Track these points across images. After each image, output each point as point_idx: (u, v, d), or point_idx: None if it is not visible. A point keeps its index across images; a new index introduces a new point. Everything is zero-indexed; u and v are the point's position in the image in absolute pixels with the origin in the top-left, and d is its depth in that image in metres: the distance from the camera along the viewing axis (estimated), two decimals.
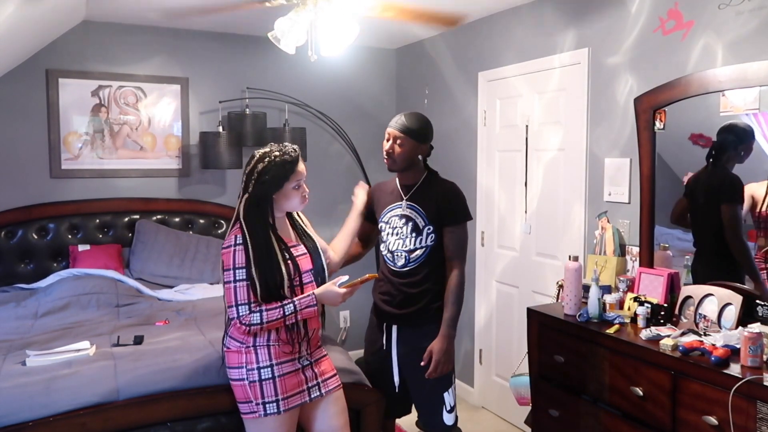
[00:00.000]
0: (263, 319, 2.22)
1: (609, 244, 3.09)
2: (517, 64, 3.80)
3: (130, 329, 3.10)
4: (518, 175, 3.85)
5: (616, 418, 2.50)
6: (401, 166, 2.69)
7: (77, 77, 4.17)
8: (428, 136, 2.72)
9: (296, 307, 2.26)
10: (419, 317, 2.65)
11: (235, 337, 2.33)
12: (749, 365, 2.09)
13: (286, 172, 2.30)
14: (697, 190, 2.76)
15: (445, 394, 2.70)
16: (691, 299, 2.56)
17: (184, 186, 4.52)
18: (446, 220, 2.63)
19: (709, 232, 2.74)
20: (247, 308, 2.21)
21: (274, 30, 2.93)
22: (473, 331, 4.29)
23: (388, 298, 2.72)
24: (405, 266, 2.66)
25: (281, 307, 2.24)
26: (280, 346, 2.30)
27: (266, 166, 2.28)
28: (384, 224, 2.74)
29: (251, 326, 2.22)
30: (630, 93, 3.05)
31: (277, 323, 2.25)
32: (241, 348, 2.30)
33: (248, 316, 2.21)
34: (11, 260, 3.99)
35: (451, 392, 2.73)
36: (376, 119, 5.09)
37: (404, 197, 2.71)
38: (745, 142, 2.53)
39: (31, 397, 2.29)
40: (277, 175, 2.28)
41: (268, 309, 2.23)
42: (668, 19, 2.86)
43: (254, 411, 2.28)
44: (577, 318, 2.72)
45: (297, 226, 2.50)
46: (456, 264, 2.63)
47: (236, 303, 2.22)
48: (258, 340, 2.29)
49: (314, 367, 2.41)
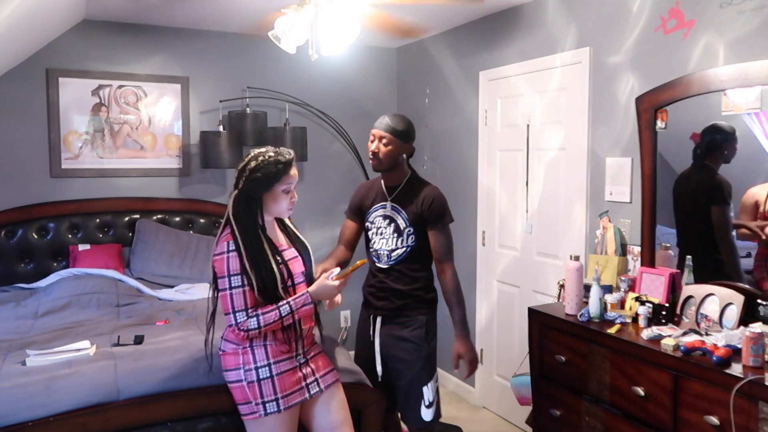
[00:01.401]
0: (260, 323, 2.21)
1: (610, 243, 3.08)
2: (518, 63, 3.79)
3: (130, 329, 3.09)
4: (519, 174, 3.84)
5: (617, 418, 2.50)
6: (387, 166, 2.76)
7: (77, 76, 4.17)
8: (412, 136, 2.81)
9: (292, 308, 2.25)
10: (400, 309, 2.76)
11: (231, 340, 2.32)
12: (751, 365, 2.08)
13: (278, 172, 2.28)
14: (683, 189, 2.83)
15: (425, 388, 2.74)
16: (693, 299, 2.55)
17: (185, 185, 4.52)
18: (430, 223, 2.74)
19: (694, 230, 2.81)
20: (245, 314, 2.20)
21: (275, 29, 2.93)
22: (474, 331, 4.28)
23: (373, 290, 2.84)
24: (387, 264, 2.78)
25: (277, 309, 2.23)
26: (277, 345, 2.29)
27: (259, 164, 2.27)
28: (370, 224, 2.84)
29: (249, 331, 2.21)
30: (631, 92, 3.04)
31: (274, 326, 2.24)
32: (238, 349, 2.29)
33: (246, 322, 2.20)
34: (11, 260, 3.98)
35: (431, 387, 2.75)
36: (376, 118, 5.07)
37: (388, 198, 2.79)
38: (729, 142, 2.61)
39: (31, 397, 2.28)
40: (268, 174, 2.26)
41: (265, 313, 2.22)
42: (670, 18, 2.86)
43: (254, 411, 2.27)
44: (579, 318, 2.72)
45: (287, 230, 2.49)
46: (447, 266, 2.75)
47: (233, 310, 2.21)
48: (254, 340, 2.28)
49: (311, 364, 2.41)
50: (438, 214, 2.73)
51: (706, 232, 2.76)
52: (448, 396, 4.49)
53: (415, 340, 2.74)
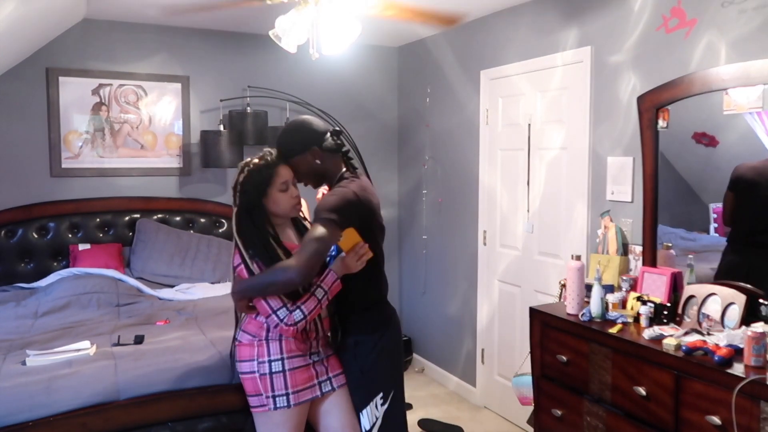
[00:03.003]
0: (305, 313, 2.22)
1: (612, 243, 3.08)
2: (519, 63, 3.78)
3: (130, 329, 3.09)
4: (521, 173, 3.83)
5: (618, 417, 2.49)
6: (317, 182, 2.47)
7: (78, 75, 4.16)
8: (299, 143, 2.37)
9: (325, 289, 2.26)
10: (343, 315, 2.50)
11: (248, 331, 2.33)
12: (753, 365, 2.07)
13: (266, 177, 2.28)
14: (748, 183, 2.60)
15: (361, 414, 2.43)
16: (695, 298, 2.55)
17: (185, 185, 4.51)
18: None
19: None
20: (286, 310, 2.21)
21: (275, 28, 2.92)
22: (475, 331, 4.28)
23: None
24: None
25: (313, 295, 2.24)
26: (294, 341, 2.30)
27: (246, 176, 2.28)
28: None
29: (297, 323, 2.22)
30: (633, 91, 3.04)
31: (316, 311, 2.25)
32: (253, 341, 2.31)
33: (290, 316, 2.21)
34: (11, 259, 3.98)
35: (367, 414, 2.41)
36: (377, 118, 5.09)
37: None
38: None
39: (31, 397, 2.28)
40: (258, 182, 2.27)
41: (305, 302, 2.23)
42: (671, 17, 2.85)
43: (264, 404, 2.28)
44: (580, 317, 2.71)
45: (300, 229, 2.49)
46: (294, 257, 2.20)
47: (273, 311, 2.22)
48: (270, 333, 2.29)
49: (324, 363, 2.41)
50: (318, 209, 2.26)
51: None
52: (448, 396, 4.49)
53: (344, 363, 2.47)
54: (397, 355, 2.54)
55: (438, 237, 4.70)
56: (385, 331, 2.45)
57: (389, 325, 2.47)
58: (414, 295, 5.09)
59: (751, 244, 2.64)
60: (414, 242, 5.03)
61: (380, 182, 5.03)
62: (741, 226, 2.66)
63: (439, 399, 4.43)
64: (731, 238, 2.68)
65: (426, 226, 4.83)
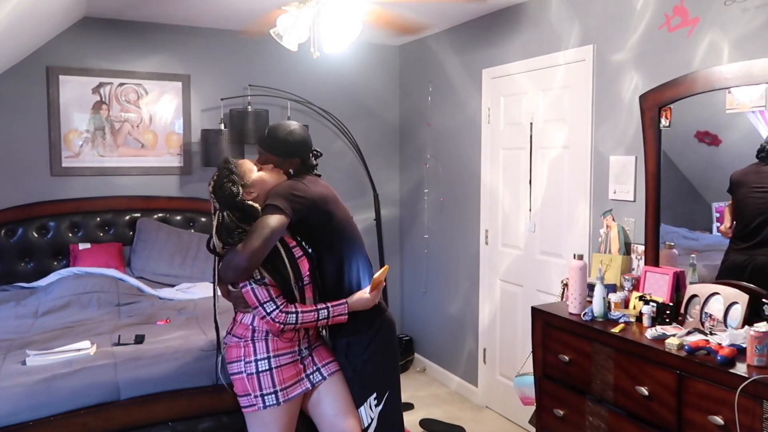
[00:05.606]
0: (299, 320, 2.28)
1: (614, 242, 3.07)
2: (521, 61, 3.77)
3: (131, 328, 3.09)
4: (522, 172, 3.82)
5: (621, 417, 2.48)
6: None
7: (78, 74, 4.16)
8: (288, 150, 2.48)
9: (329, 314, 2.32)
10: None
11: (236, 334, 2.37)
12: (755, 365, 2.07)
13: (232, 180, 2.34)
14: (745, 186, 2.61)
15: (361, 408, 2.48)
16: (697, 298, 2.54)
17: (186, 184, 4.51)
18: None
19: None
20: (273, 304, 2.25)
21: (277, 27, 2.92)
22: (477, 330, 4.28)
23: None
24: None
25: (316, 311, 2.31)
26: (279, 340, 2.33)
27: (216, 184, 2.33)
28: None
29: (286, 325, 2.26)
30: (635, 90, 3.03)
31: (309, 325, 2.32)
32: (240, 342, 2.34)
33: (284, 315, 2.25)
34: (11, 259, 3.97)
35: (365, 411, 2.46)
36: (379, 116, 5.08)
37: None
38: None
39: (32, 397, 2.28)
40: (230, 180, 2.32)
41: (304, 312, 2.29)
42: (674, 15, 2.84)
43: (253, 404, 2.30)
44: (582, 317, 2.70)
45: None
46: (244, 242, 2.23)
47: (260, 302, 2.26)
48: (256, 334, 2.32)
49: (312, 354, 2.44)
50: (272, 194, 2.36)
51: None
52: (450, 396, 4.48)
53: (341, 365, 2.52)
54: (391, 356, 2.55)
55: (439, 236, 4.69)
56: (378, 331, 2.47)
57: (381, 326, 2.50)
58: (415, 294, 5.08)
59: (754, 244, 2.63)
60: (415, 241, 5.03)
61: (381, 181, 5.03)
62: (743, 226, 2.65)
63: (441, 399, 4.43)
64: (734, 237, 2.67)
65: (427, 225, 4.82)
